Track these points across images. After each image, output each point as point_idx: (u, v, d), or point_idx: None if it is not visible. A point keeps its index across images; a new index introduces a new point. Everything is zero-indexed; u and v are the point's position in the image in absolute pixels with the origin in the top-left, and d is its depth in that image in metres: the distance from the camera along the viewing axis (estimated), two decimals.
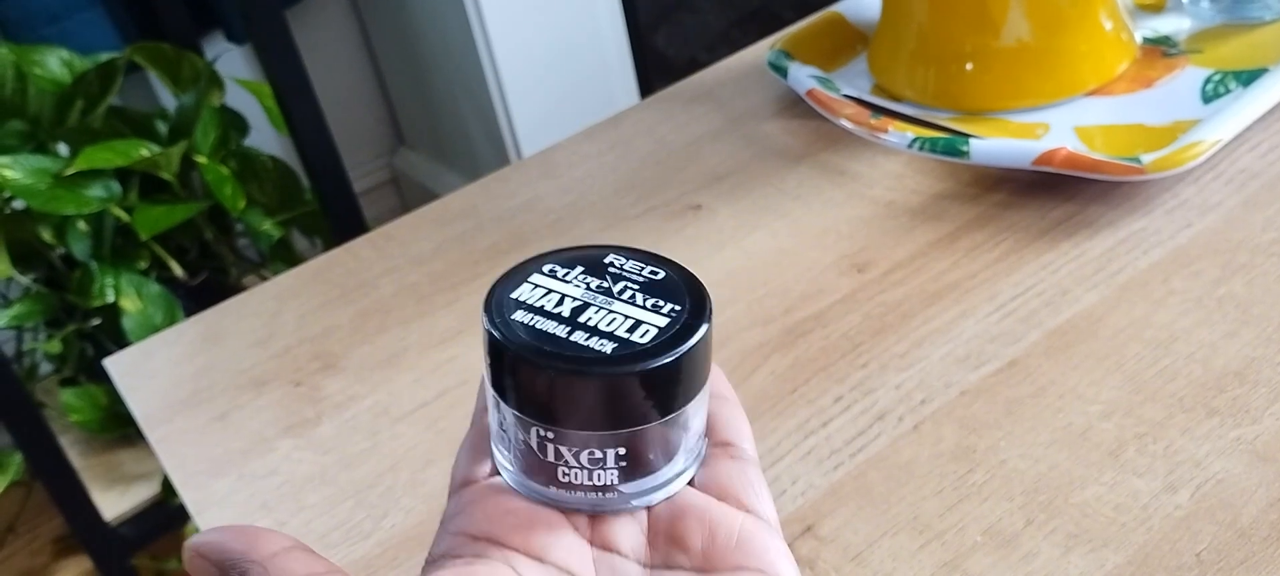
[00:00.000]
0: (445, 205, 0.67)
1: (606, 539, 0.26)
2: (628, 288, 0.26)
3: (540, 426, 0.24)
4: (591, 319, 0.25)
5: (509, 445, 0.26)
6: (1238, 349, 0.44)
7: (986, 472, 0.42)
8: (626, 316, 0.25)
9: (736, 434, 0.28)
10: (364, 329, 0.58)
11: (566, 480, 0.25)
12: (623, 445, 0.25)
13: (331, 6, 1.88)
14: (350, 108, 1.95)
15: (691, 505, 0.26)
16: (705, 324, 0.25)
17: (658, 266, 0.26)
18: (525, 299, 0.25)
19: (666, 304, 0.25)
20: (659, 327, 0.24)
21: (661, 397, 0.24)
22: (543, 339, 0.24)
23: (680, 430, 0.25)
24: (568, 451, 0.25)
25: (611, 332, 0.24)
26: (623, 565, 0.25)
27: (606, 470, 0.25)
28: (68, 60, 1.34)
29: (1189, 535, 0.38)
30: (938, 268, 0.53)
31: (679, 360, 0.24)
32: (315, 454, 0.50)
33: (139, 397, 0.56)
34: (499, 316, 0.25)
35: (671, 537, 0.26)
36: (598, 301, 0.25)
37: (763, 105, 0.70)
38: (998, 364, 0.46)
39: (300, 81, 1.23)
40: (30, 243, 1.33)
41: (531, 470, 0.25)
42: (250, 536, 0.24)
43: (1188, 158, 0.52)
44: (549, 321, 0.24)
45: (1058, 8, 0.60)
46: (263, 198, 1.42)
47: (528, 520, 0.26)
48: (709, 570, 0.25)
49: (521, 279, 0.26)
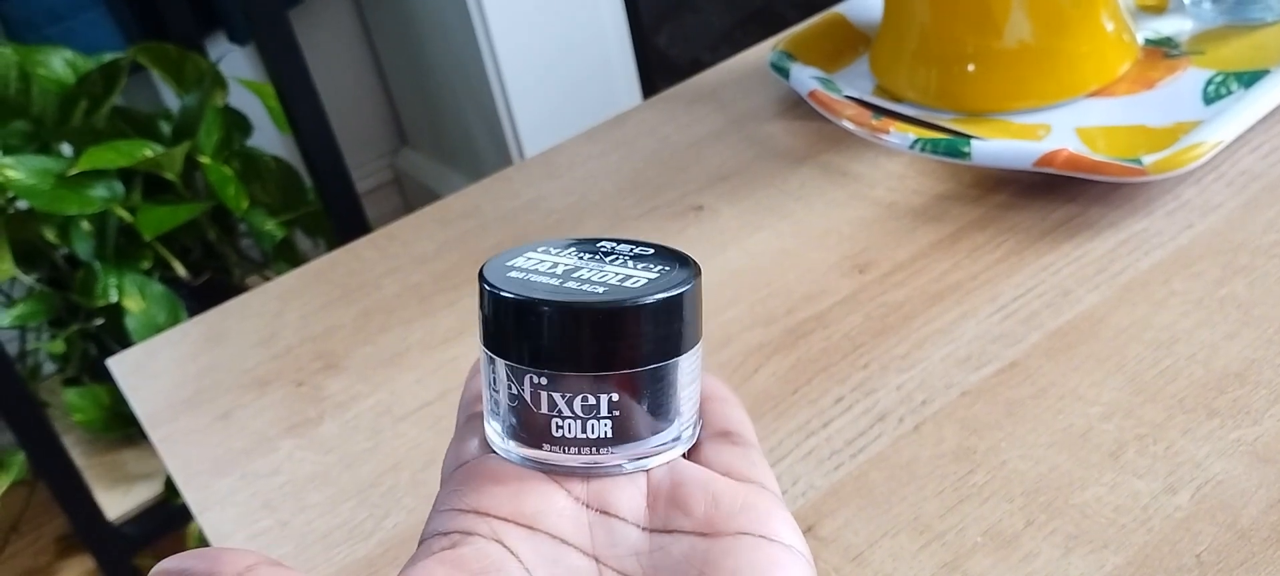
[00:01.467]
0: (447, 205, 0.67)
1: (604, 501, 0.25)
2: (618, 257, 0.27)
3: (534, 373, 0.25)
4: (583, 275, 0.26)
5: (501, 412, 0.26)
6: (1238, 350, 0.44)
7: (987, 473, 0.42)
8: (617, 273, 0.26)
9: (738, 424, 0.28)
10: (366, 329, 0.58)
11: (560, 434, 0.25)
12: (615, 392, 0.25)
13: (334, 7, 1.88)
14: (353, 108, 1.96)
15: (693, 474, 0.26)
16: (694, 278, 0.26)
17: (647, 245, 0.28)
18: (519, 265, 0.26)
19: (656, 266, 0.26)
20: (648, 279, 0.25)
21: (652, 340, 0.25)
22: (536, 288, 0.25)
23: (672, 391, 0.26)
24: (561, 398, 0.25)
25: (603, 282, 0.25)
26: (621, 528, 0.25)
27: (600, 420, 0.25)
28: (71, 60, 1.34)
29: (1189, 536, 0.38)
30: (939, 268, 0.53)
31: (667, 302, 0.25)
32: (317, 453, 0.50)
33: (142, 397, 0.57)
34: (493, 275, 0.26)
35: (673, 502, 0.25)
36: (589, 265, 0.26)
37: (765, 106, 0.70)
38: (999, 365, 0.46)
39: (303, 82, 1.23)
40: (34, 242, 1.33)
41: (525, 431, 0.26)
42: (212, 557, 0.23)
43: (1189, 159, 0.52)
44: (542, 277, 0.26)
45: (1059, 9, 0.60)
46: (266, 198, 1.43)
47: (516, 487, 0.25)
48: (711, 534, 0.24)
49: (516, 254, 0.27)
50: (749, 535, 0.24)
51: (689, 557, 0.24)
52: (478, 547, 0.24)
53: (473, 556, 0.24)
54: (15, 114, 1.31)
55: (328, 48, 1.87)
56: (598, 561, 0.25)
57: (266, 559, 0.23)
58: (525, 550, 0.24)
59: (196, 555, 0.23)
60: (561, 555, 0.24)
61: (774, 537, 0.24)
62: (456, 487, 0.26)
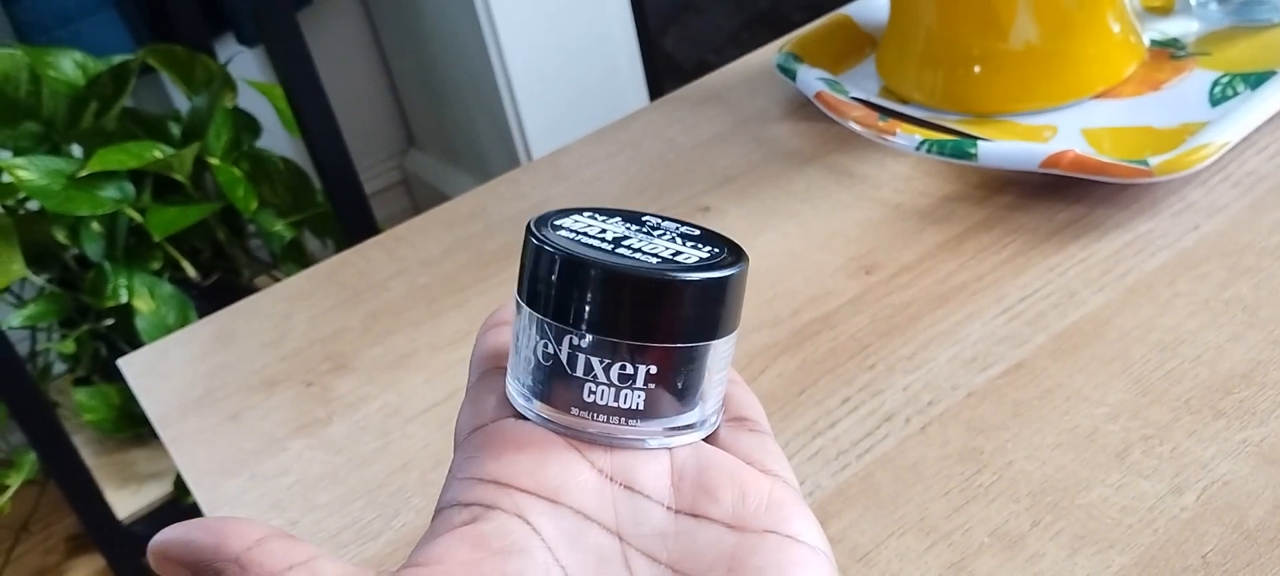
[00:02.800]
0: (455, 207, 0.67)
1: (628, 475, 0.25)
2: (666, 233, 0.26)
3: (574, 332, 0.24)
4: (634, 244, 0.25)
5: (530, 371, 0.25)
6: (1244, 351, 0.44)
7: (993, 474, 0.42)
8: (668, 247, 0.25)
9: (752, 410, 0.28)
10: (375, 330, 0.58)
11: (590, 399, 0.25)
12: (654, 363, 0.24)
13: (343, 9, 1.89)
14: (361, 109, 1.96)
15: (720, 461, 0.26)
16: (744, 262, 0.25)
17: (693, 226, 0.27)
18: (567, 226, 0.26)
19: (705, 246, 0.26)
20: (700, 257, 0.25)
21: (700, 318, 0.25)
22: (587, 248, 0.25)
23: (705, 373, 0.25)
24: (599, 363, 0.24)
25: (655, 253, 0.25)
26: (645, 507, 0.25)
27: (634, 390, 0.25)
28: (81, 62, 1.35)
29: (1195, 537, 0.38)
30: (945, 270, 0.53)
31: (723, 281, 0.24)
32: (326, 454, 0.51)
33: (152, 397, 0.57)
34: (542, 230, 0.25)
35: (700, 487, 0.25)
36: (638, 236, 0.26)
37: (771, 107, 0.70)
38: (1005, 366, 0.46)
39: (312, 83, 1.23)
40: (44, 243, 1.34)
41: (553, 392, 0.25)
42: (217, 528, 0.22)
43: (1195, 160, 0.52)
44: (593, 241, 0.25)
45: (1065, 10, 0.60)
46: (275, 199, 1.43)
47: (540, 456, 0.24)
48: (739, 528, 0.24)
49: (563, 215, 0.26)
50: (775, 534, 0.24)
51: (715, 548, 0.24)
52: (499, 524, 0.23)
53: (494, 534, 0.23)
54: (26, 115, 1.32)
55: (336, 50, 1.88)
56: (621, 540, 0.24)
57: (276, 531, 0.22)
58: (548, 527, 0.24)
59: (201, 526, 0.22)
60: (585, 532, 0.24)
61: (799, 538, 0.25)
62: (474, 453, 0.25)
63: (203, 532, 0.22)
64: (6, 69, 1.29)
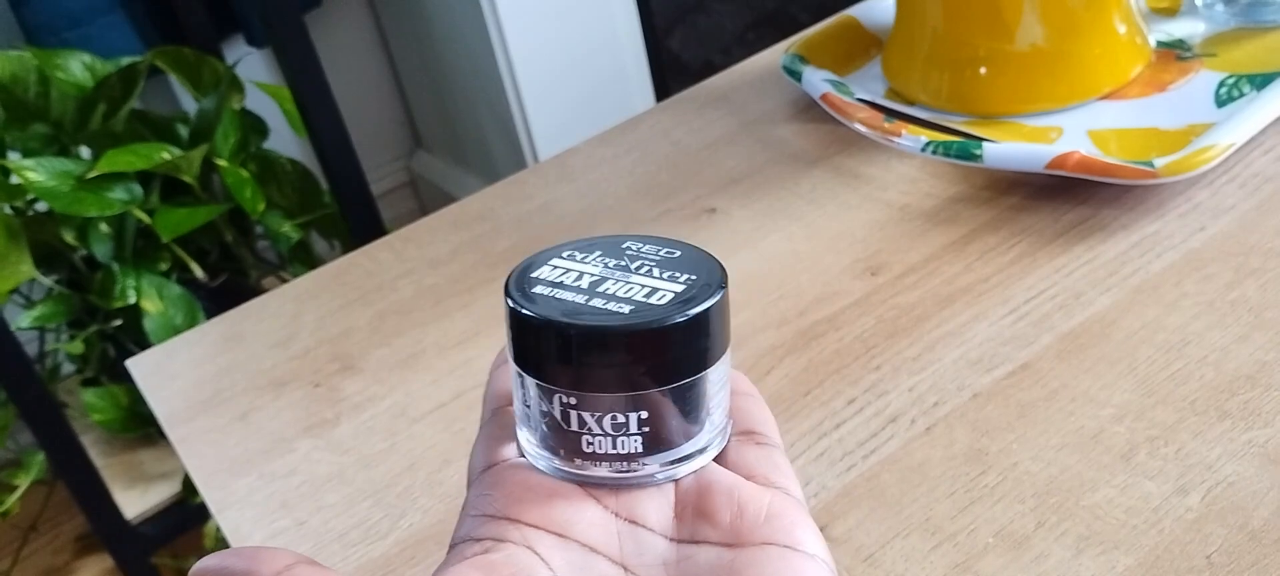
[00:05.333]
0: (462, 208, 0.67)
1: (633, 511, 0.26)
2: (644, 264, 0.26)
3: (563, 393, 0.25)
4: (609, 289, 0.25)
5: (532, 423, 0.26)
6: (1250, 352, 0.44)
7: (999, 475, 0.42)
8: (643, 286, 0.25)
9: (760, 423, 0.28)
10: (382, 330, 0.58)
11: (591, 450, 0.25)
12: (644, 409, 0.25)
13: (350, 10, 1.89)
14: (368, 111, 1.97)
15: (719, 481, 0.26)
16: (721, 289, 0.25)
17: (674, 247, 0.27)
18: (545, 277, 0.26)
19: (682, 274, 0.26)
20: (675, 293, 0.25)
21: (680, 358, 0.25)
22: (562, 307, 0.24)
23: (701, 401, 0.26)
24: (591, 417, 0.25)
25: (628, 298, 0.25)
26: (649, 539, 0.25)
27: (630, 436, 0.25)
28: (90, 64, 1.35)
29: (1200, 538, 0.38)
30: (951, 271, 0.53)
31: (695, 319, 0.24)
32: (334, 454, 0.51)
33: (161, 398, 0.57)
34: (519, 291, 0.25)
35: (699, 512, 0.25)
36: (615, 276, 0.26)
37: (777, 109, 0.70)
38: (1010, 367, 0.47)
39: (319, 85, 1.24)
40: (53, 244, 1.34)
41: (556, 444, 0.25)
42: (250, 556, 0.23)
43: (1201, 161, 0.52)
44: (568, 292, 0.25)
45: (1071, 12, 0.60)
46: (282, 200, 1.44)
47: (548, 495, 0.25)
48: (737, 544, 0.25)
49: (542, 262, 0.26)
50: (774, 545, 0.25)
51: (715, 567, 0.25)
52: (508, 554, 0.24)
53: (503, 562, 0.24)
54: (35, 117, 1.33)
55: (343, 51, 1.88)
56: (625, 570, 0.25)
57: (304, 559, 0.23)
58: (556, 558, 0.25)
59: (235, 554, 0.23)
60: (591, 563, 0.25)
61: (798, 547, 0.25)
62: (487, 491, 0.26)
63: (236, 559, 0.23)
64: (15, 71, 1.30)
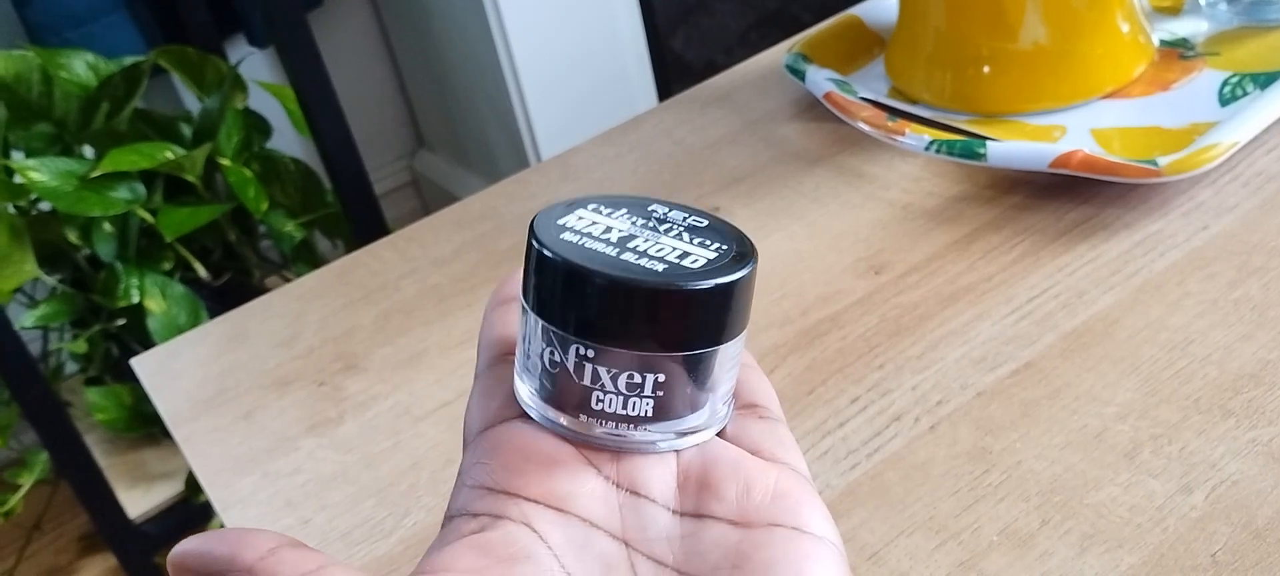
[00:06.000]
0: (465, 207, 0.67)
1: (634, 481, 0.25)
2: (673, 227, 0.26)
3: (581, 343, 0.24)
4: (640, 246, 0.24)
5: (536, 374, 0.25)
6: (1253, 351, 0.44)
7: (1002, 473, 0.42)
8: (674, 247, 0.25)
9: (763, 395, 0.28)
10: (386, 330, 0.58)
11: (599, 407, 0.24)
12: (662, 371, 0.24)
13: (353, 10, 1.90)
14: (371, 110, 1.97)
15: (724, 454, 0.25)
16: (753, 261, 0.25)
17: (701, 215, 0.26)
18: (572, 225, 0.25)
19: (713, 243, 0.25)
20: (707, 259, 0.24)
21: (707, 324, 0.24)
22: (592, 256, 0.24)
23: (715, 374, 0.25)
24: (606, 373, 0.24)
25: (661, 257, 0.24)
26: (651, 511, 0.25)
27: (642, 398, 0.24)
28: (93, 64, 1.35)
29: (1204, 536, 0.38)
30: (954, 270, 0.53)
31: (730, 286, 0.24)
32: (338, 453, 0.51)
33: (165, 397, 0.57)
34: (546, 234, 0.24)
35: (704, 485, 0.25)
36: (645, 234, 0.25)
37: (780, 108, 0.70)
38: (1014, 365, 0.47)
39: (322, 84, 1.24)
40: (56, 244, 1.35)
41: (561, 397, 0.25)
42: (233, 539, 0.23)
43: (1204, 160, 0.52)
44: (597, 243, 0.24)
45: (1074, 10, 0.60)
46: (285, 199, 1.44)
47: (548, 464, 0.24)
48: (744, 524, 0.24)
49: (567, 211, 0.26)
50: (782, 527, 0.24)
51: (721, 546, 0.24)
52: (506, 532, 0.24)
53: (501, 542, 0.23)
54: (38, 117, 1.33)
55: (346, 51, 1.88)
56: (627, 546, 0.24)
57: (288, 540, 0.23)
58: (555, 535, 0.24)
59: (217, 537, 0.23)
60: (591, 539, 0.24)
61: (806, 529, 0.24)
62: (484, 458, 0.25)
63: (219, 543, 0.23)
64: (19, 70, 1.30)
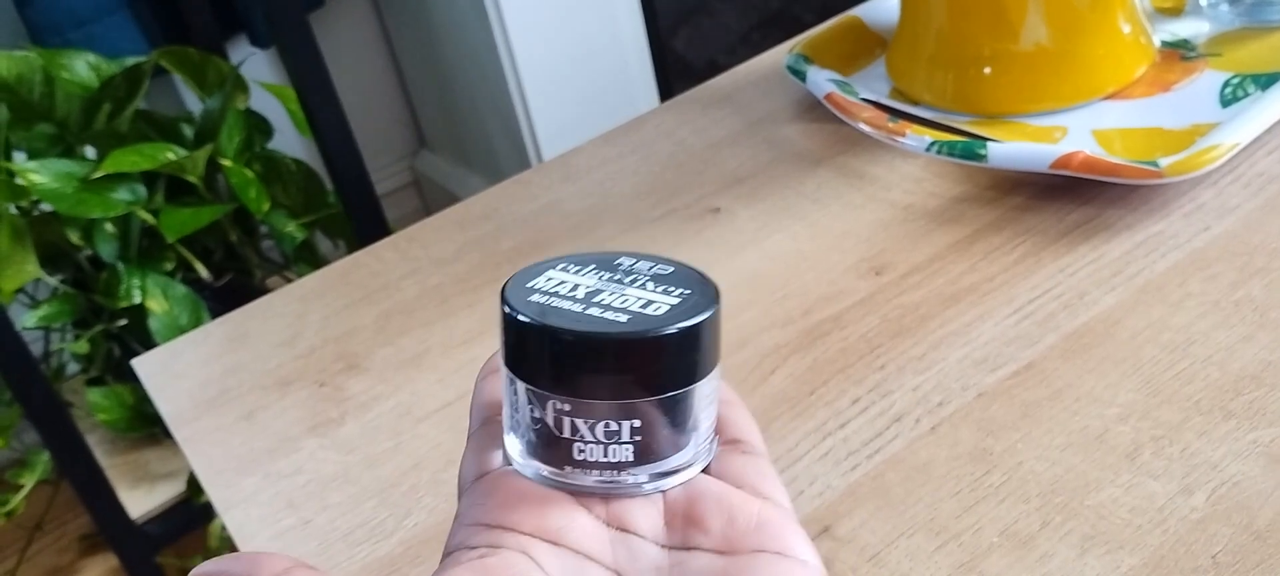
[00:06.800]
0: (467, 208, 0.67)
1: (623, 520, 0.26)
2: (638, 278, 0.27)
3: (557, 399, 0.25)
4: (605, 299, 0.26)
5: (522, 430, 0.26)
6: (1255, 352, 0.44)
7: (1003, 474, 0.42)
8: (639, 297, 0.26)
9: (745, 431, 0.29)
10: (387, 330, 0.58)
11: (582, 457, 0.26)
12: (637, 418, 0.25)
13: (354, 11, 1.90)
14: (372, 111, 1.97)
15: (708, 489, 0.26)
16: (715, 304, 0.26)
17: (667, 263, 0.28)
18: (540, 287, 0.26)
19: (677, 289, 0.26)
20: (670, 305, 0.25)
21: (674, 368, 0.25)
22: (559, 314, 0.25)
23: (692, 412, 0.26)
24: (583, 424, 0.25)
25: (624, 308, 0.25)
26: (640, 546, 0.26)
27: (622, 445, 0.25)
28: (95, 64, 1.35)
29: (1205, 537, 0.38)
30: (955, 270, 0.53)
31: (691, 330, 0.25)
32: (339, 453, 0.51)
33: (167, 397, 0.57)
34: (516, 298, 0.26)
35: (690, 519, 0.26)
36: (610, 288, 0.26)
37: (782, 109, 0.70)
38: (1015, 366, 0.47)
39: (323, 85, 1.24)
40: (58, 244, 1.35)
41: (546, 452, 0.26)
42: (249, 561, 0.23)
43: (1206, 161, 0.52)
44: (564, 301, 0.26)
45: (1076, 11, 0.60)
46: (286, 200, 1.44)
47: (541, 502, 0.26)
48: (729, 552, 0.25)
49: (537, 273, 0.27)
50: (766, 552, 0.25)
51: (707, 573, 0.25)
52: (505, 558, 0.25)
53: (500, 566, 0.24)
54: (39, 117, 1.33)
55: (348, 51, 1.88)
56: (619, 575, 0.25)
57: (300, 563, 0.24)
58: (551, 563, 0.25)
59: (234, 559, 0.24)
60: (585, 569, 0.25)
61: (790, 553, 0.25)
62: (479, 500, 0.26)
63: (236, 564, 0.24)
64: (20, 71, 1.30)
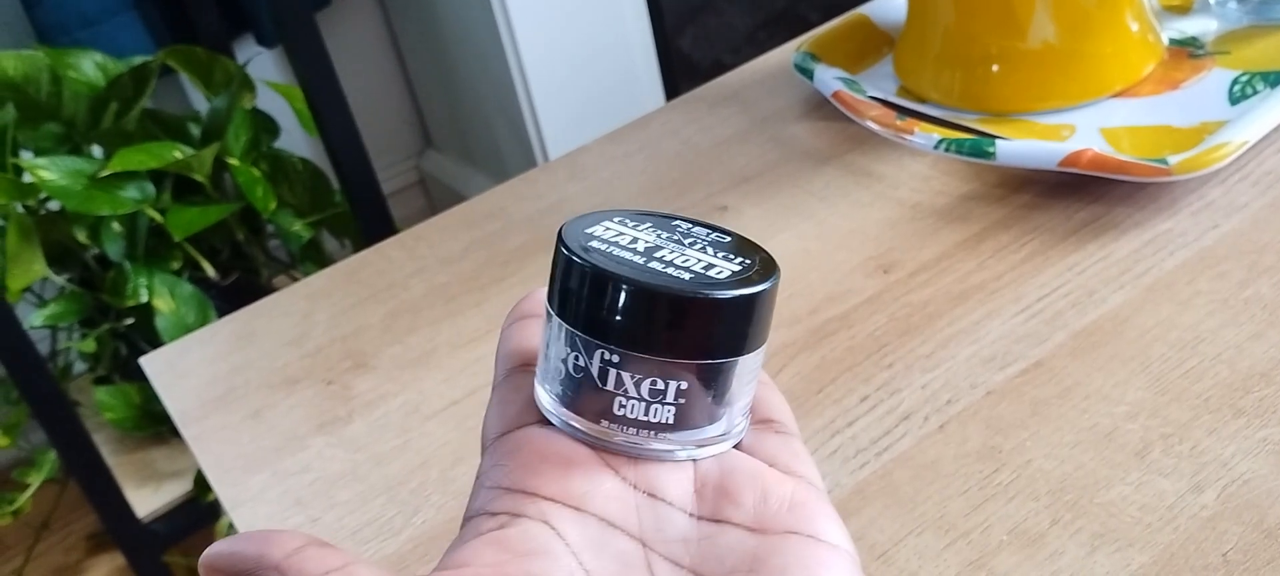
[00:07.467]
0: (473, 207, 0.67)
1: (652, 485, 0.25)
2: (698, 241, 0.26)
3: (607, 349, 0.24)
4: (666, 256, 0.25)
5: (557, 379, 0.25)
6: (1264, 350, 0.44)
7: (1012, 472, 0.42)
8: (700, 259, 0.25)
9: (779, 411, 0.28)
10: (394, 329, 0.58)
11: (621, 412, 0.25)
12: (684, 380, 0.24)
13: (361, 10, 1.90)
14: (379, 110, 1.97)
15: (742, 465, 0.26)
16: (776, 274, 0.25)
17: (724, 232, 0.27)
18: (599, 235, 0.26)
19: (737, 257, 0.26)
20: (732, 271, 0.25)
21: (731, 334, 0.25)
22: (620, 263, 0.24)
23: (734, 386, 0.25)
24: (630, 378, 0.24)
25: (687, 267, 0.25)
26: (668, 513, 0.25)
27: (665, 405, 0.25)
28: (102, 63, 1.36)
29: (1215, 535, 0.38)
30: (964, 268, 0.53)
31: (754, 298, 0.24)
32: (347, 451, 0.51)
33: (174, 396, 0.57)
34: (574, 241, 0.25)
35: (722, 492, 0.25)
36: (670, 246, 0.26)
37: (789, 107, 0.70)
38: (1023, 364, 0.47)
39: (330, 84, 1.24)
40: (65, 243, 1.35)
41: (583, 403, 0.25)
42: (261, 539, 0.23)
43: (1214, 159, 0.52)
44: (625, 252, 0.25)
45: (1084, 9, 0.60)
46: (293, 199, 1.44)
47: (565, 465, 0.25)
48: (760, 530, 0.25)
49: (594, 221, 0.26)
50: (798, 534, 0.25)
51: (737, 551, 0.24)
52: (524, 529, 0.24)
53: (519, 538, 0.24)
54: (47, 116, 1.33)
55: (354, 51, 1.89)
56: (644, 546, 0.25)
57: (313, 539, 0.23)
58: (573, 532, 0.24)
59: (245, 538, 0.23)
60: (609, 538, 0.24)
61: (821, 537, 0.25)
62: (502, 460, 0.26)
63: (247, 543, 0.23)
64: (28, 70, 1.31)
